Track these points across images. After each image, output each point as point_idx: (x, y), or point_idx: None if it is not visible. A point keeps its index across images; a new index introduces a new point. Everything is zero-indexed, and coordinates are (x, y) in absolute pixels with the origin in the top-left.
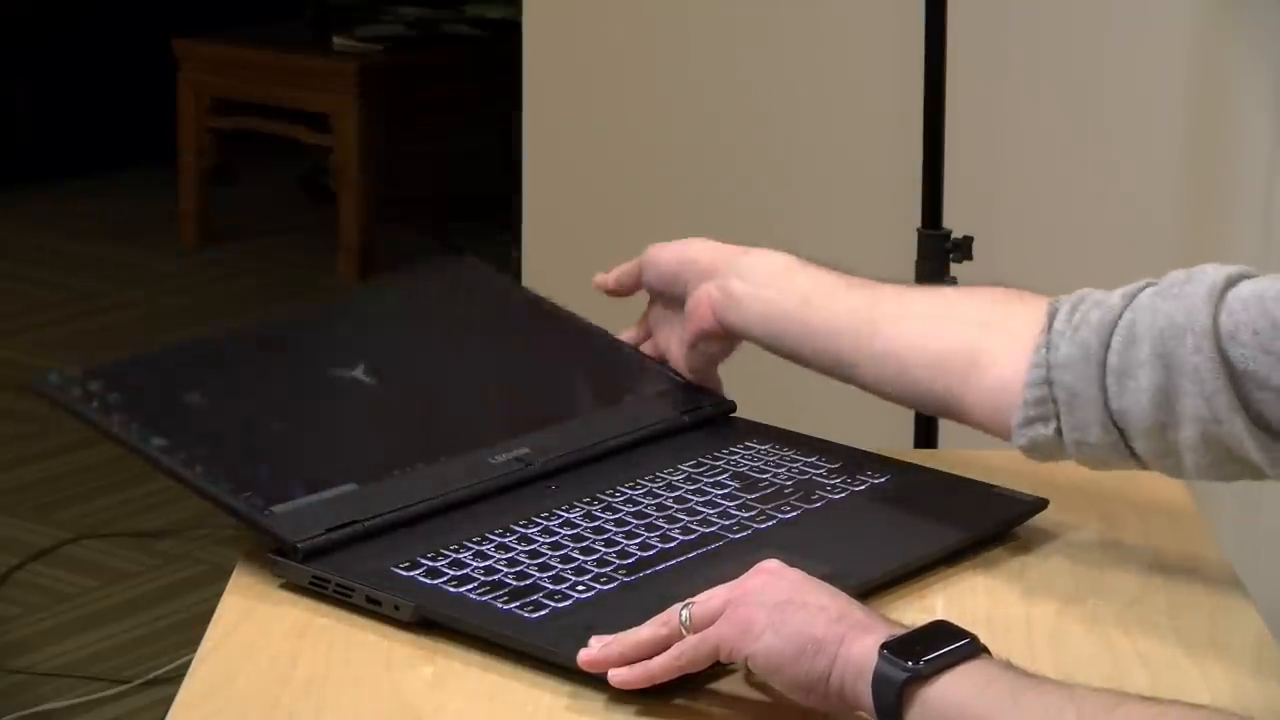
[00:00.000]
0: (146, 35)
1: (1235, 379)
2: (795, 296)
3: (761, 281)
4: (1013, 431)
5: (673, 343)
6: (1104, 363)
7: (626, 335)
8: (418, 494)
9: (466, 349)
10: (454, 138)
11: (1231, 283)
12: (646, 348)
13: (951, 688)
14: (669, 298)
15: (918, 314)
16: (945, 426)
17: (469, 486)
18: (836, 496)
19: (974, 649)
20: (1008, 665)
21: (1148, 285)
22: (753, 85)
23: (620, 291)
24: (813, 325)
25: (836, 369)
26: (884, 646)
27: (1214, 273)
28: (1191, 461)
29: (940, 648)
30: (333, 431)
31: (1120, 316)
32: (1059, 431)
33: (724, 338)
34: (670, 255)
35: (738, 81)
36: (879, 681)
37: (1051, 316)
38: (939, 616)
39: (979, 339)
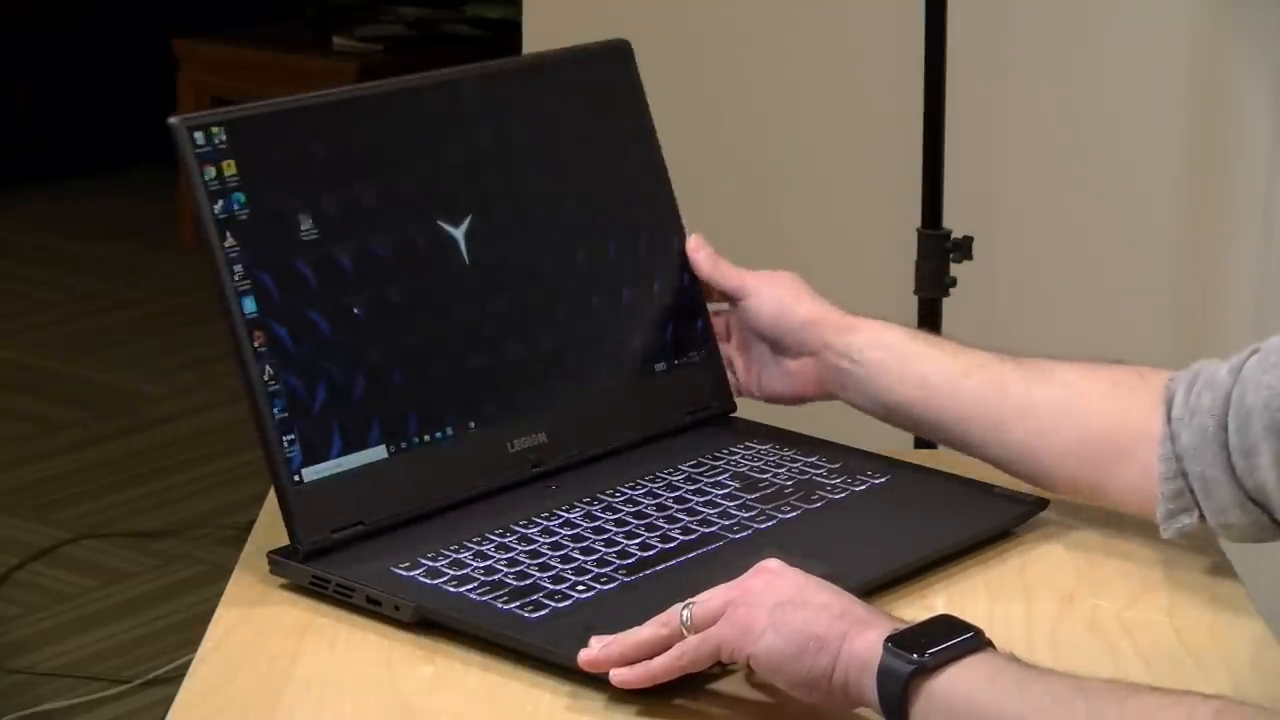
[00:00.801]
0: (146, 35)
1: None
2: (914, 384)
3: (875, 365)
4: (1160, 526)
5: (752, 374)
6: (1226, 444)
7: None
8: (427, 488)
9: (567, 215)
10: None
11: None
12: (719, 333)
13: (957, 680)
14: (768, 340)
15: (1049, 405)
16: None
17: (476, 485)
18: (837, 496)
19: (979, 642)
20: (1012, 658)
21: (1252, 353)
22: (753, 85)
23: (712, 294)
24: (934, 414)
25: (965, 451)
26: (889, 640)
27: None
28: None
29: (945, 641)
30: (402, 343)
31: (1230, 393)
32: (1202, 518)
33: (815, 399)
34: (772, 304)
35: (738, 81)
36: (884, 675)
37: (1169, 404)
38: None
39: (1110, 433)
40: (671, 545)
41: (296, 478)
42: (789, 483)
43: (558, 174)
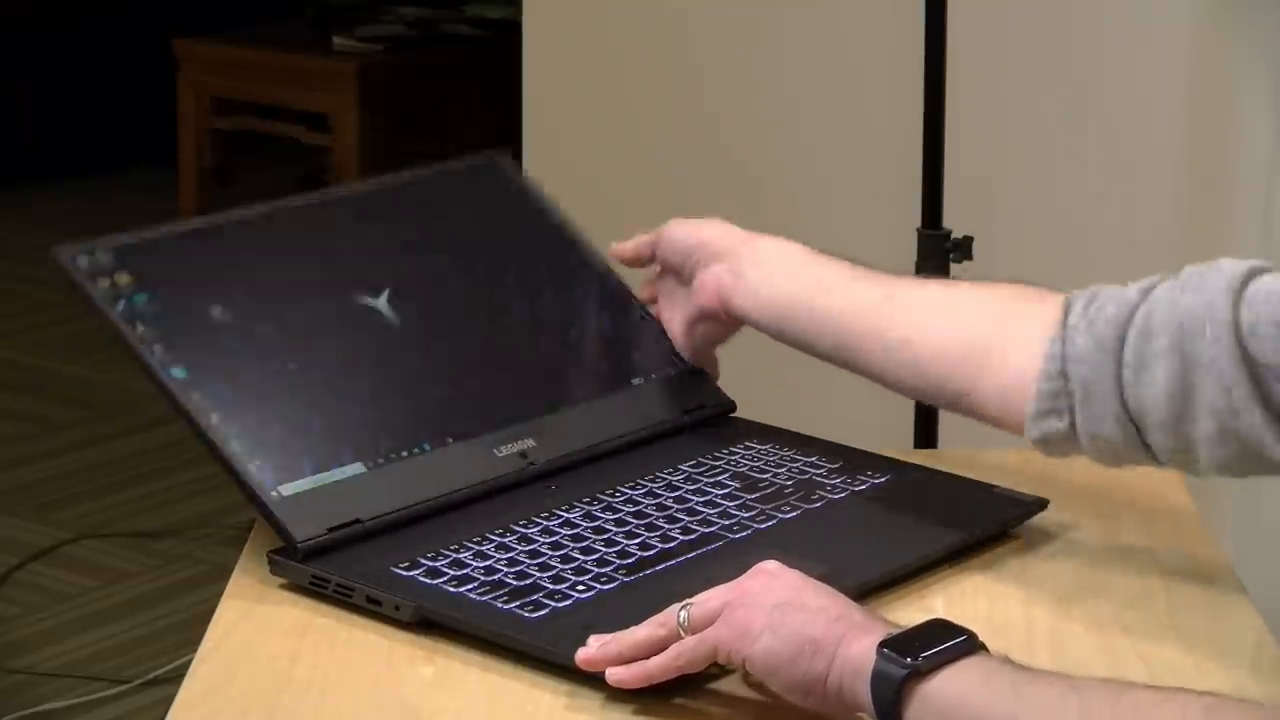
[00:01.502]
0: (146, 35)
1: (1255, 372)
2: (806, 283)
3: (773, 267)
4: (1025, 424)
5: (675, 320)
6: (1120, 355)
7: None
8: (419, 490)
9: (487, 278)
10: (454, 138)
11: (1252, 276)
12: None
13: (951, 683)
14: (679, 274)
15: (932, 306)
16: (945, 426)
17: (470, 487)
18: (836, 496)
19: (972, 645)
20: (1006, 660)
21: (1164, 279)
22: (753, 85)
23: (636, 262)
24: (823, 312)
25: (844, 357)
26: (882, 645)
27: (1233, 266)
28: (1207, 456)
29: (938, 644)
30: (350, 386)
31: (1137, 309)
32: (1073, 425)
33: (725, 320)
34: (685, 232)
35: (738, 81)
36: (878, 679)
37: (1066, 310)
38: (938, 616)
39: (994, 334)
40: (671, 545)
41: (275, 492)
42: (789, 483)
43: (467, 262)
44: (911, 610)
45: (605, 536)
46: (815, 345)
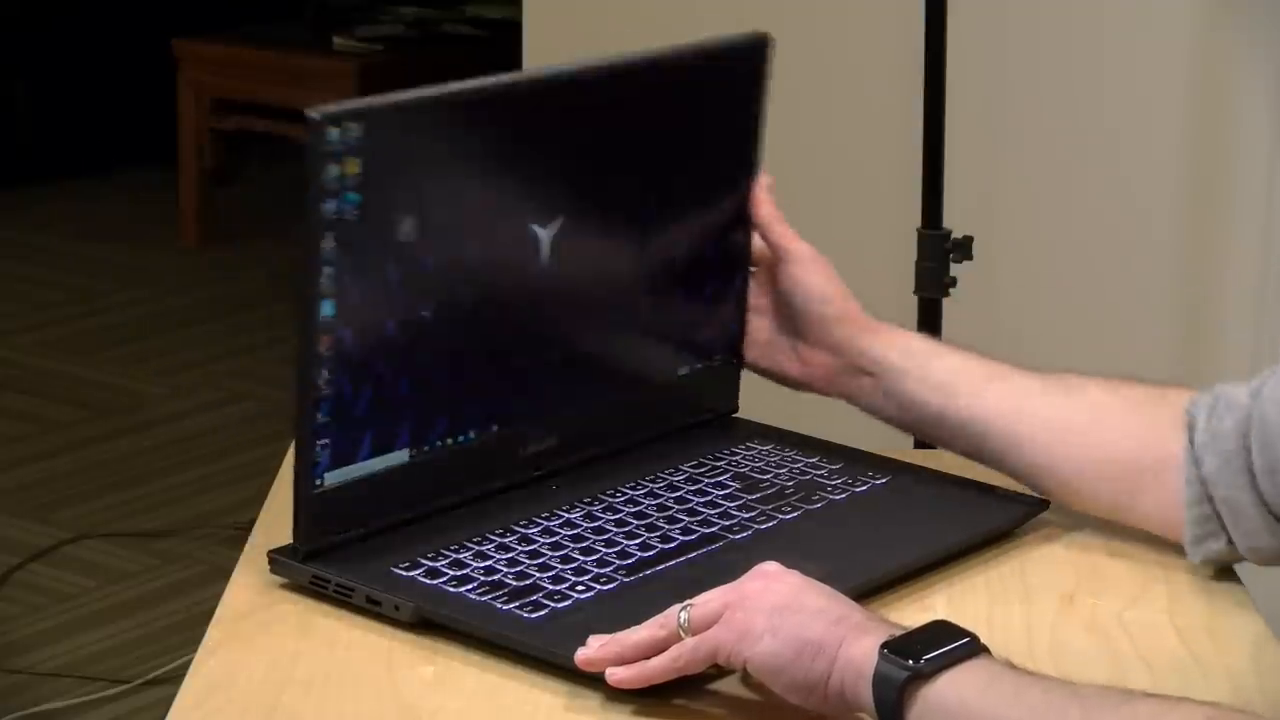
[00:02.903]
0: (146, 35)
1: None
2: (933, 386)
3: (896, 368)
4: (1188, 550)
5: (763, 350)
6: (1250, 467)
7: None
8: (439, 492)
9: (650, 207)
10: None
11: None
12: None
13: (953, 686)
14: (791, 307)
15: (1074, 428)
16: None
17: (480, 487)
18: (837, 497)
19: (974, 648)
20: (1008, 663)
21: (1273, 375)
22: None
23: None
24: (952, 422)
25: (984, 463)
26: (884, 646)
27: None
28: None
29: (941, 646)
30: (461, 347)
31: (1250, 415)
32: (1230, 543)
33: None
34: (810, 287)
35: None
36: (880, 681)
37: (1191, 429)
38: (939, 617)
39: (1136, 455)
40: (672, 545)
41: (318, 481)
42: (789, 483)
43: (658, 173)
44: (912, 611)
45: (605, 536)
46: (948, 448)
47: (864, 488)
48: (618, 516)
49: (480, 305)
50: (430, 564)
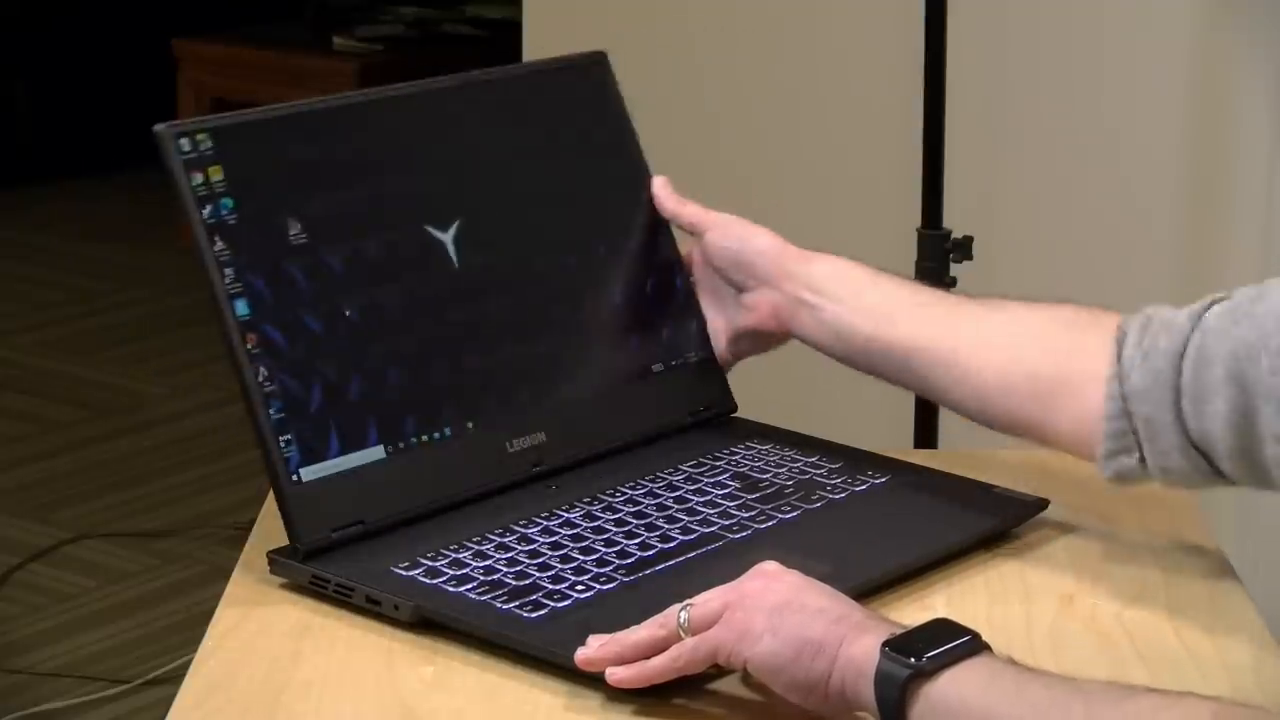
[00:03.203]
0: (146, 35)
1: None
2: (869, 314)
3: (832, 294)
4: (1098, 463)
5: (719, 324)
6: (1178, 388)
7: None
8: (427, 489)
9: (553, 212)
10: None
11: None
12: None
13: (954, 684)
14: (726, 277)
15: (995, 339)
16: (945, 426)
17: (476, 485)
18: (837, 497)
19: (976, 646)
20: (1010, 661)
21: (1214, 303)
22: (753, 85)
23: (681, 226)
24: (886, 344)
25: (911, 386)
26: (885, 645)
27: None
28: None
29: (942, 644)
30: (396, 345)
31: (1190, 339)
32: (1143, 460)
33: (775, 341)
34: (737, 238)
35: (738, 81)
36: (882, 679)
37: (1120, 343)
38: (939, 616)
39: (1059, 368)
40: (671, 545)
41: (295, 477)
42: (789, 483)
43: (542, 180)
44: (912, 610)
45: (605, 536)
46: (880, 374)
47: (864, 488)
48: (617, 516)
49: (406, 306)
50: (430, 564)
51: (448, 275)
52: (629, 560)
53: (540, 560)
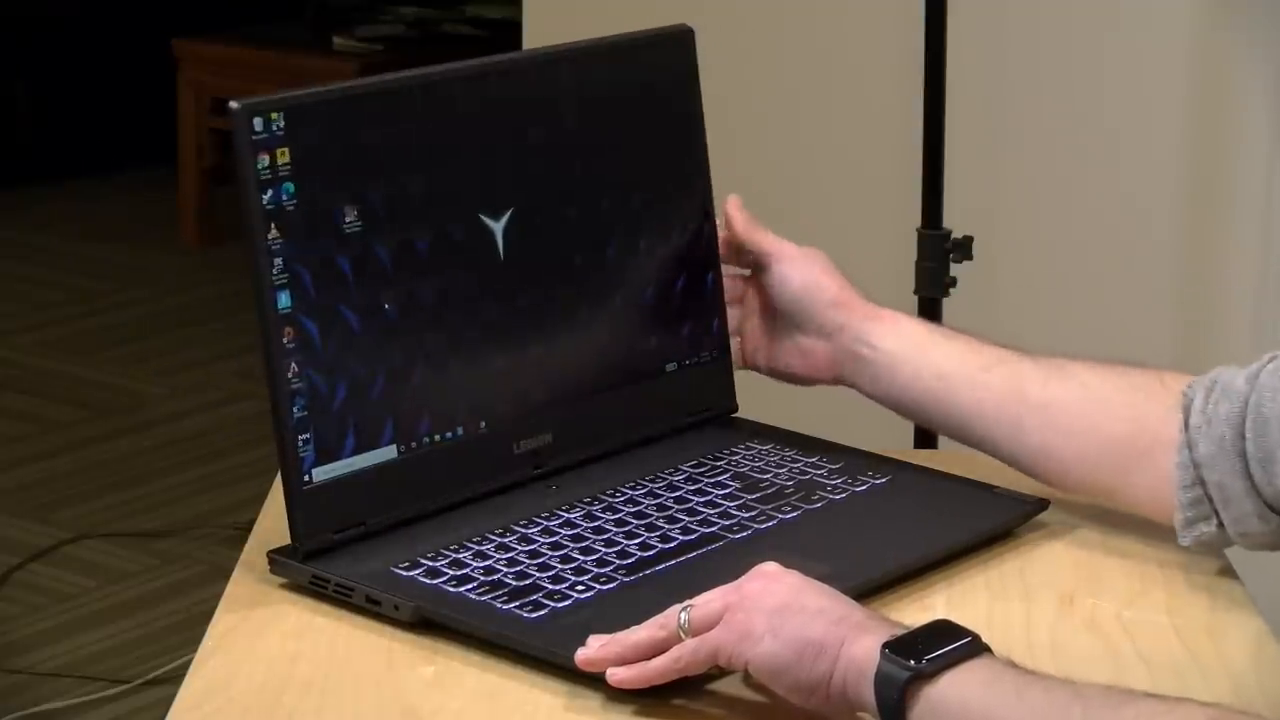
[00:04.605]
0: (146, 35)
1: None
2: (930, 376)
3: (892, 354)
4: (1178, 532)
5: (759, 349)
6: (1244, 454)
7: (727, 278)
8: (432, 491)
9: (604, 198)
10: None
11: None
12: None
13: (955, 685)
14: (779, 307)
15: (1066, 407)
16: None
17: (480, 486)
18: (837, 497)
19: (976, 647)
20: (1010, 663)
21: (1271, 360)
22: (753, 85)
23: (731, 253)
24: (949, 410)
25: (970, 445)
26: (886, 646)
27: None
28: None
29: (942, 646)
30: (428, 339)
31: (1248, 401)
32: (1221, 526)
33: (824, 383)
34: (801, 283)
35: (738, 81)
36: (882, 681)
37: (1187, 410)
38: (940, 616)
39: (1131, 438)
40: (671, 545)
41: (307, 478)
42: (789, 483)
43: (602, 164)
44: (912, 611)
45: (605, 536)
46: (943, 432)
47: (864, 488)
48: (618, 516)
49: (443, 300)
50: (430, 564)
51: (491, 268)
52: (629, 560)
53: (540, 560)
